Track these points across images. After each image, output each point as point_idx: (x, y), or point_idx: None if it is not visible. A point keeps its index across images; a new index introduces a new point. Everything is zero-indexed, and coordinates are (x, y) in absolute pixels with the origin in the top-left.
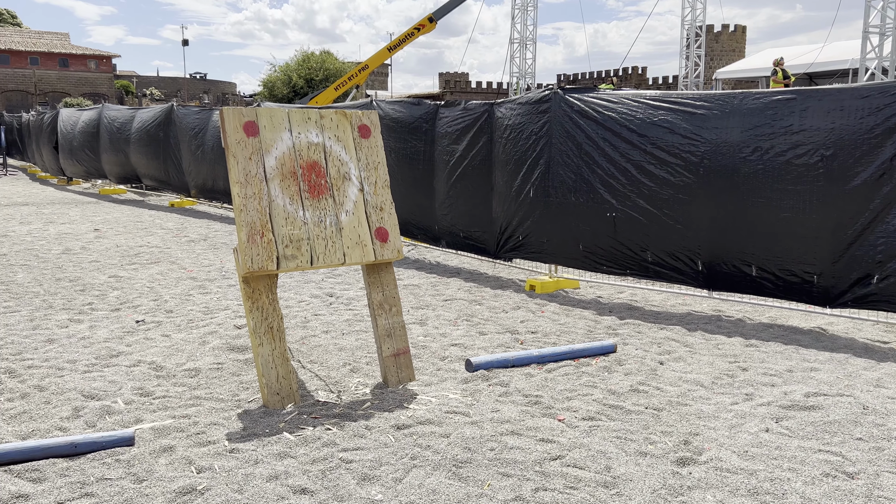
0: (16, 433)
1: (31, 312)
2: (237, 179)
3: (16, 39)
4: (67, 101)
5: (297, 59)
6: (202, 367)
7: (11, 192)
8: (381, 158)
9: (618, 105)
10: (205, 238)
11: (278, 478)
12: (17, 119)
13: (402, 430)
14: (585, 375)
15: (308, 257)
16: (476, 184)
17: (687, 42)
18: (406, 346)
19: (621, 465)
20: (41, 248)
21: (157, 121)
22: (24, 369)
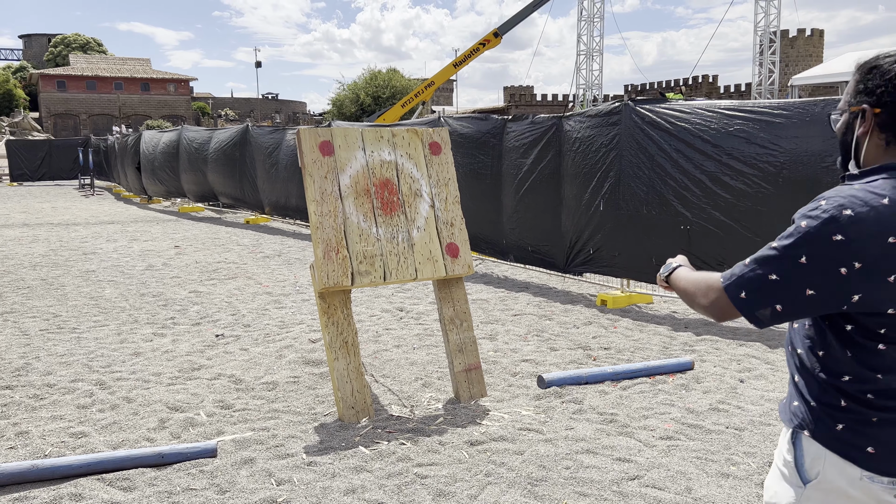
0: (107, 443)
1: (119, 326)
2: (313, 198)
3: (102, 66)
4: (149, 123)
5: (365, 78)
6: (279, 381)
7: (98, 211)
8: (451, 175)
9: (691, 115)
10: (279, 254)
11: (355, 492)
12: (103, 141)
13: (476, 446)
14: (662, 393)
15: (381, 273)
16: (544, 197)
17: (760, 48)
18: (477, 361)
19: (702, 486)
20: (126, 264)
21: (234, 141)
22: (114, 381)
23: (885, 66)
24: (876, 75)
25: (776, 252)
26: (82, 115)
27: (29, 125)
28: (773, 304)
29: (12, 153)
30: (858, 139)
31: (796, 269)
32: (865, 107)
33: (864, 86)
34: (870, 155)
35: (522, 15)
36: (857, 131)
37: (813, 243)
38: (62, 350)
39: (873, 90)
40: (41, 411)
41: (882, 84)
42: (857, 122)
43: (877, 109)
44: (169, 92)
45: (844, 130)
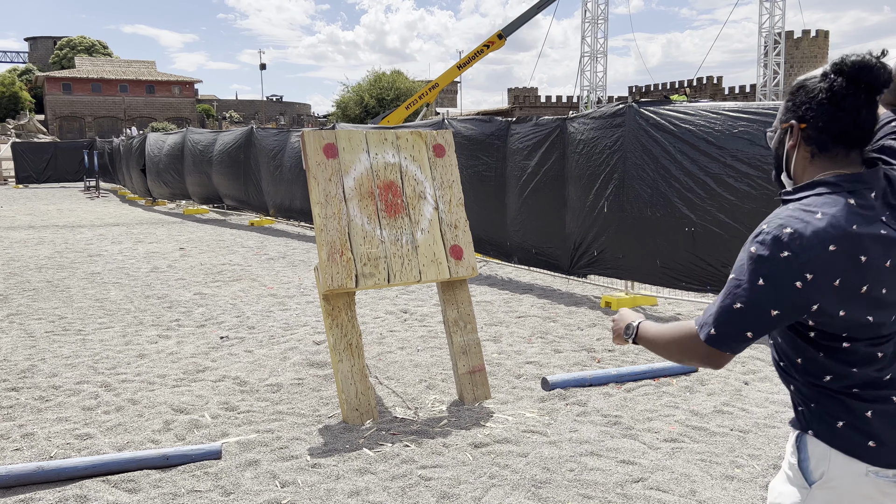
0: (112, 444)
1: (124, 328)
2: (318, 200)
3: (107, 69)
4: (154, 125)
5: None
6: (284, 383)
7: (103, 213)
8: (455, 177)
9: (695, 117)
10: (283, 256)
11: (359, 493)
12: (108, 144)
13: (480, 448)
14: (666, 395)
15: (385, 275)
16: (548, 199)
17: (765, 49)
18: (481, 363)
19: (707, 489)
20: (131, 266)
21: (238, 143)
22: (119, 383)
23: (809, 85)
24: (801, 93)
25: (735, 281)
26: (87, 118)
27: (34, 127)
28: (743, 331)
29: (18, 155)
30: (788, 152)
31: (756, 292)
32: (793, 122)
33: (791, 104)
34: (798, 167)
35: (527, 16)
36: (787, 145)
37: (765, 264)
38: (67, 352)
39: (799, 107)
40: (47, 413)
41: (806, 101)
42: (787, 136)
43: (802, 125)
44: (174, 94)
45: (777, 145)
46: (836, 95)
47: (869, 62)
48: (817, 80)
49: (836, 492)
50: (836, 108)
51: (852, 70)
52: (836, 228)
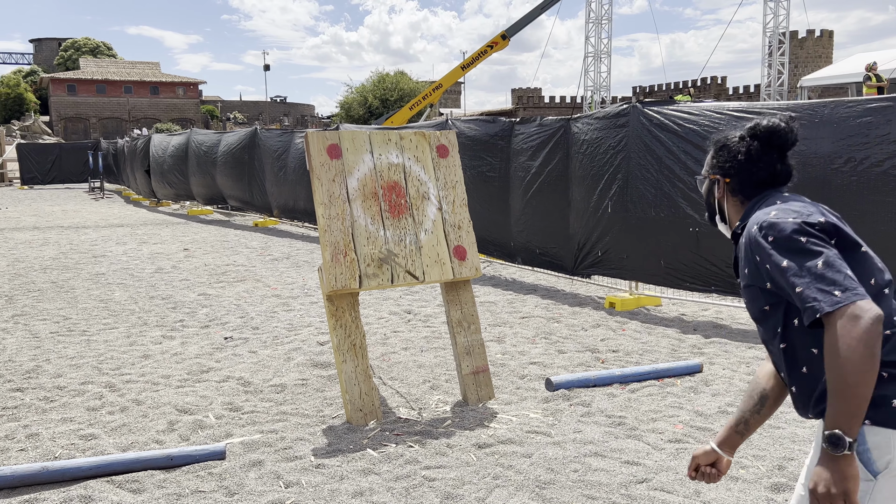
0: (116, 445)
1: (128, 329)
2: (321, 201)
3: (112, 70)
4: (158, 126)
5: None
6: (288, 383)
7: (108, 214)
8: (458, 177)
9: (699, 117)
10: (287, 256)
11: (363, 494)
12: (113, 145)
13: (484, 448)
14: (671, 396)
15: (389, 276)
16: (552, 200)
17: (769, 49)
18: (485, 363)
19: (711, 489)
20: (136, 267)
21: (242, 144)
22: (123, 384)
23: (731, 145)
24: (724, 152)
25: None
26: (92, 119)
27: (39, 129)
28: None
29: (23, 157)
30: (719, 202)
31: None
32: (718, 177)
33: (716, 160)
34: (731, 213)
35: (530, 17)
36: (717, 195)
37: (803, 232)
38: (72, 352)
39: (723, 164)
40: (51, 413)
41: (729, 160)
42: (715, 188)
43: (727, 179)
44: (178, 95)
45: (707, 193)
46: (752, 156)
47: (779, 127)
48: (737, 142)
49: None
50: (753, 165)
51: (765, 135)
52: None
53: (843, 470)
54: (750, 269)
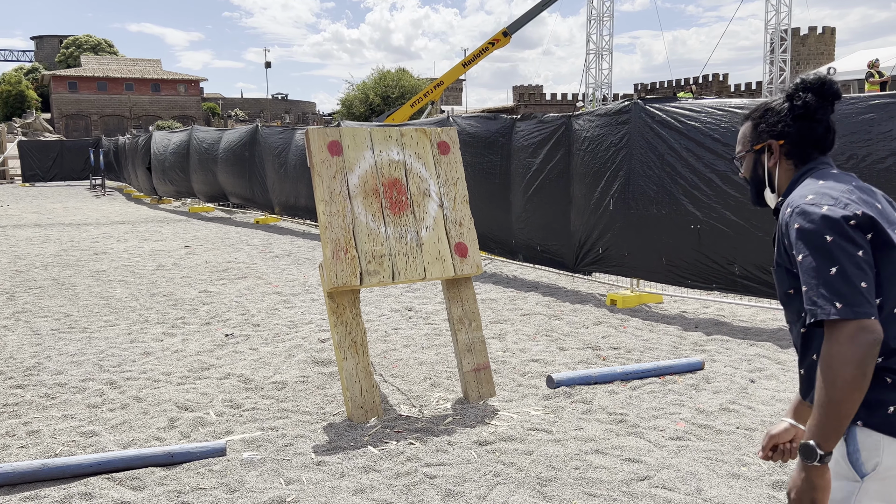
0: (117, 442)
1: (129, 326)
2: (322, 198)
3: (113, 67)
4: (159, 123)
5: (374, 78)
6: (288, 380)
7: (109, 212)
8: (459, 174)
9: (701, 114)
10: (288, 254)
11: (364, 491)
12: (114, 142)
13: (485, 446)
14: (672, 393)
15: (390, 273)
16: (553, 197)
17: (771, 46)
18: (486, 361)
19: (713, 487)
20: (137, 264)
21: (243, 141)
22: (124, 381)
23: (778, 107)
24: (772, 114)
25: (817, 250)
26: (93, 116)
27: (41, 126)
28: (859, 283)
29: (24, 154)
30: (770, 171)
31: (841, 246)
32: (771, 141)
33: (763, 125)
34: (782, 180)
35: (532, 14)
36: (768, 164)
37: (833, 228)
38: (73, 349)
39: (774, 126)
40: (52, 410)
41: (780, 119)
42: (764, 157)
43: (780, 141)
44: (179, 92)
45: (753, 168)
46: (809, 110)
47: (828, 79)
48: (784, 101)
49: (890, 482)
50: (811, 120)
51: (817, 86)
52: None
53: (812, 479)
54: (780, 249)
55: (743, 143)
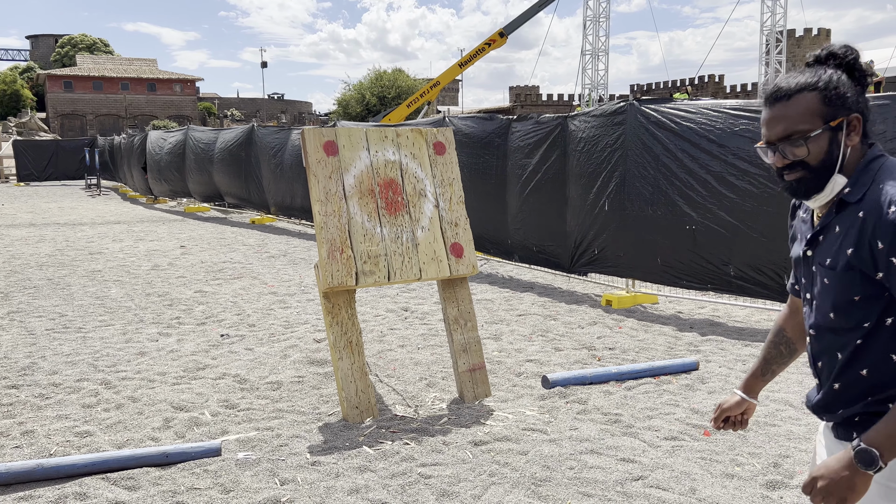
0: (112, 442)
1: (124, 326)
2: (318, 198)
3: (108, 67)
4: (155, 123)
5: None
6: (284, 381)
7: (104, 211)
8: (455, 175)
9: (696, 115)
10: (284, 254)
11: (359, 491)
12: (109, 142)
13: (480, 446)
14: (667, 394)
15: (385, 273)
16: (549, 197)
17: (766, 48)
18: (482, 361)
19: (707, 486)
20: (132, 264)
21: (239, 141)
22: (119, 381)
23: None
24: (841, 87)
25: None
26: (89, 116)
27: (36, 125)
28: None
29: (19, 153)
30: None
31: None
32: (853, 116)
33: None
34: (853, 159)
35: (528, 15)
36: (848, 141)
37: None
38: (68, 349)
39: (846, 98)
40: (46, 410)
41: (853, 94)
42: (841, 135)
43: (859, 115)
44: (175, 92)
45: (828, 149)
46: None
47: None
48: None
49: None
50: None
51: (855, 60)
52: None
53: (854, 481)
54: (859, 250)
55: (810, 119)
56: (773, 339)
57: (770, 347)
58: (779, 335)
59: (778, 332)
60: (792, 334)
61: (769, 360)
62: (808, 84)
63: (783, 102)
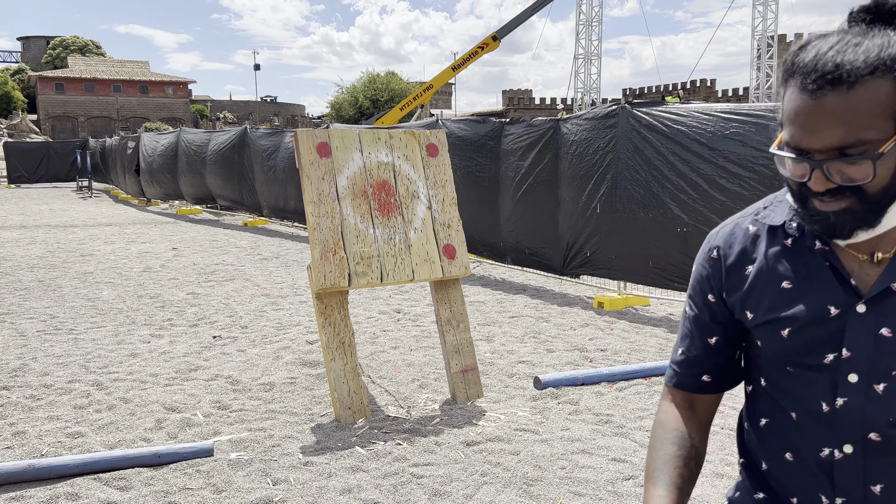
0: (104, 443)
1: (116, 328)
2: (311, 199)
3: (100, 69)
4: (147, 125)
5: (364, 81)
6: (276, 382)
7: (96, 214)
8: (448, 176)
9: (687, 118)
10: (277, 256)
11: (351, 491)
12: (101, 144)
13: (472, 446)
14: (658, 395)
15: (378, 274)
16: (542, 200)
17: (758, 53)
18: (474, 362)
19: (697, 486)
20: (124, 266)
21: (232, 143)
22: (111, 382)
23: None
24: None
25: None
26: (80, 118)
27: (27, 127)
28: None
29: (10, 155)
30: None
31: None
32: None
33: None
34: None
35: (521, 18)
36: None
37: None
38: (59, 351)
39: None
40: (38, 412)
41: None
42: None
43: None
44: (167, 94)
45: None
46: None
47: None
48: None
49: None
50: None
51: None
52: None
53: None
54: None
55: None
56: (679, 452)
57: (678, 466)
58: (684, 447)
59: (682, 443)
60: (701, 444)
61: (682, 487)
62: (885, 62)
63: (840, 91)
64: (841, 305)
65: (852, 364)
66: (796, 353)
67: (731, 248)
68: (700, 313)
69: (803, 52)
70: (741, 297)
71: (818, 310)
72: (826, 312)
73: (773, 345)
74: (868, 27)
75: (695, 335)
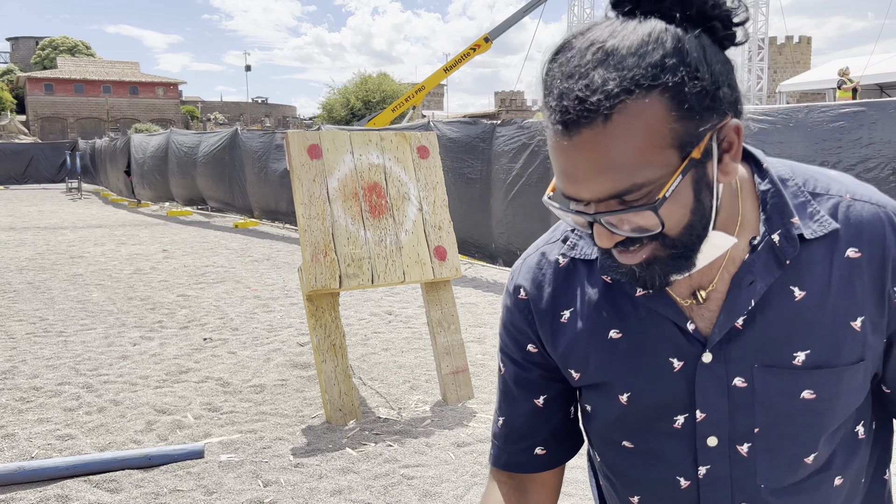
0: (94, 445)
1: (106, 330)
2: (301, 201)
3: (90, 69)
4: (137, 126)
5: (355, 82)
6: (267, 384)
7: (86, 215)
8: (439, 178)
9: None
10: (268, 258)
11: (342, 492)
12: (91, 145)
13: (463, 447)
14: None
15: (369, 276)
16: (533, 202)
17: (749, 55)
18: (465, 363)
19: None
20: (114, 268)
21: (223, 145)
22: (101, 384)
23: (700, 44)
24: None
25: None
26: (70, 119)
27: (16, 128)
28: None
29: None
30: (710, 185)
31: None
32: (734, 122)
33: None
34: (727, 197)
35: (513, 20)
36: (723, 171)
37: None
38: (49, 353)
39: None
40: (28, 414)
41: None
42: (710, 166)
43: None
44: (158, 95)
45: (694, 201)
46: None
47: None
48: (698, 38)
49: None
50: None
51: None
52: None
53: None
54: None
55: (657, 156)
56: None
57: None
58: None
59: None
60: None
61: None
62: (645, 73)
63: (595, 127)
64: (683, 356)
65: (709, 426)
66: (641, 420)
67: (539, 288)
68: (520, 369)
69: (554, 63)
70: (562, 352)
71: (658, 365)
72: (668, 366)
73: (609, 412)
74: (625, 19)
75: (517, 398)
